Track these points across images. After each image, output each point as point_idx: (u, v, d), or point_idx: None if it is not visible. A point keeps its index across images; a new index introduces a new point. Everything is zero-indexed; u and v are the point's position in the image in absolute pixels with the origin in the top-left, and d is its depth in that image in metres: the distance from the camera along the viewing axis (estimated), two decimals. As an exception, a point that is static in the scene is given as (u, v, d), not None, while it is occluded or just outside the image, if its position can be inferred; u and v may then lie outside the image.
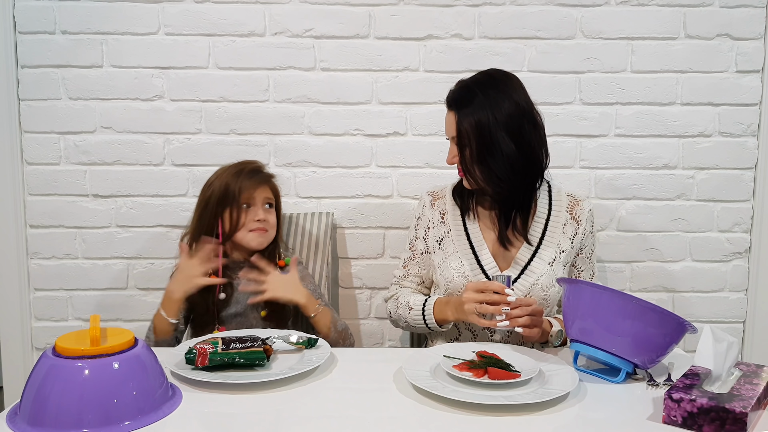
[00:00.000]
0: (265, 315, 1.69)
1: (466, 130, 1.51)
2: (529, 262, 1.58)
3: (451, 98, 1.57)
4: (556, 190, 1.66)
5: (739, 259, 2.13)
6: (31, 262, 2.10)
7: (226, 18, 2.01)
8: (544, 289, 1.56)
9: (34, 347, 2.13)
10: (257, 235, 1.70)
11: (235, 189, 1.68)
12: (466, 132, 1.51)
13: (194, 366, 1.28)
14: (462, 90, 1.56)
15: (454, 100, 1.55)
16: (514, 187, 1.54)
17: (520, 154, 1.51)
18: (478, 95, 1.51)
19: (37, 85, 2.03)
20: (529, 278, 1.57)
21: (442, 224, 1.66)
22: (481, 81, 1.56)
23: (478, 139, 1.50)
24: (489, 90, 1.52)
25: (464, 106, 1.52)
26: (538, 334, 1.44)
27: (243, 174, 1.70)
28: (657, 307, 1.23)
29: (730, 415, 1.04)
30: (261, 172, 1.74)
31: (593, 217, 1.67)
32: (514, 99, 1.52)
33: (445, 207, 1.67)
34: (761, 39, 2.04)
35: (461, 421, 1.12)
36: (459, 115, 1.52)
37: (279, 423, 1.13)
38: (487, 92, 1.52)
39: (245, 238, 1.69)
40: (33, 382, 1.09)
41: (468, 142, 1.52)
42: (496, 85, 1.54)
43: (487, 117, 1.49)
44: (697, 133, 2.08)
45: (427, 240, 1.68)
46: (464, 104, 1.52)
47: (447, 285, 1.60)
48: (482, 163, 1.52)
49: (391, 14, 2.02)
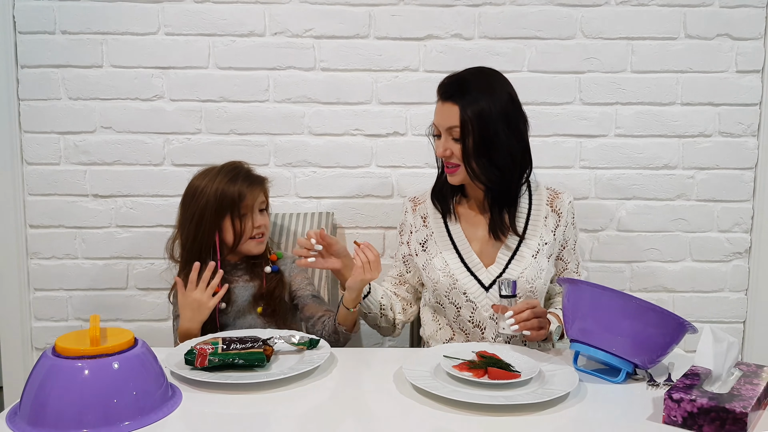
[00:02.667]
0: (262, 311, 1.68)
1: (469, 119, 1.50)
2: (512, 256, 1.59)
3: (449, 89, 1.54)
4: (535, 185, 1.67)
5: (739, 259, 2.13)
6: (31, 262, 2.10)
7: (226, 18, 2.01)
8: (530, 282, 1.57)
9: (34, 347, 2.13)
10: (257, 243, 1.68)
11: (234, 197, 1.62)
12: (469, 121, 1.50)
13: (193, 366, 1.28)
14: (459, 81, 1.55)
15: (453, 90, 1.53)
16: (508, 179, 1.56)
17: (517, 144, 1.54)
18: (477, 86, 1.52)
19: (37, 85, 2.03)
20: (514, 271, 1.57)
21: (424, 227, 1.67)
22: (474, 74, 1.57)
23: (481, 129, 1.50)
24: (485, 82, 1.54)
25: (465, 96, 1.51)
26: (544, 336, 1.45)
27: (239, 180, 1.64)
28: (657, 307, 1.23)
29: (730, 415, 1.04)
30: (255, 176, 1.70)
31: (573, 209, 1.68)
32: (507, 91, 1.55)
33: (426, 211, 1.68)
34: (761, 39, 2.04)
35: (461, 421, 1.12)
36: (462, 105, 1.51)
37: (279, 423, 1.13)
38: (484, 84, 1.53)
39: (247, 247, 1.67)
40: (33, 382, 1.09)
41: (470, 132, 1.51)
42: (489, 77, 1.56)
43: (488, 106, 1.50)
44: (697, 133, 2.08)
45: (410, 244, 1.69)
46: (465, 94, 1.51)
47: (434, 286, 1.61)
48: (483, 154, 1.52)
49: (391, 14, 2.02)
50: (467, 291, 1.58)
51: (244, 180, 1.66)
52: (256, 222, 1.67)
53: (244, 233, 1.65)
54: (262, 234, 1.68)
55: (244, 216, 1.66)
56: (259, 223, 1.67)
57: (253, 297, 1.70)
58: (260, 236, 1.68)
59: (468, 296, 1.58)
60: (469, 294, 1.58)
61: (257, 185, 1.68)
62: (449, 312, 1.62)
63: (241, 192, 1.63)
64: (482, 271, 1.59)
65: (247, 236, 1.66)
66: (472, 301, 1.58)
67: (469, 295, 1.58)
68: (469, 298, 1.58)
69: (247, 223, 1.65)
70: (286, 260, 1.78)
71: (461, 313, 1.60)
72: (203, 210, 1.63)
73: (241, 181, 1.65)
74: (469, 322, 1.60)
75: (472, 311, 1.58)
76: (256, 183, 1.68)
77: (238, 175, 1.66)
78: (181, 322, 1.56)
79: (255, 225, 1.66)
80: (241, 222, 1.64)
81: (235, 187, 1.63)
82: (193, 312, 1.54)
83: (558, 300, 1.70)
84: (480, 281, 1.58)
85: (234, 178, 1.65)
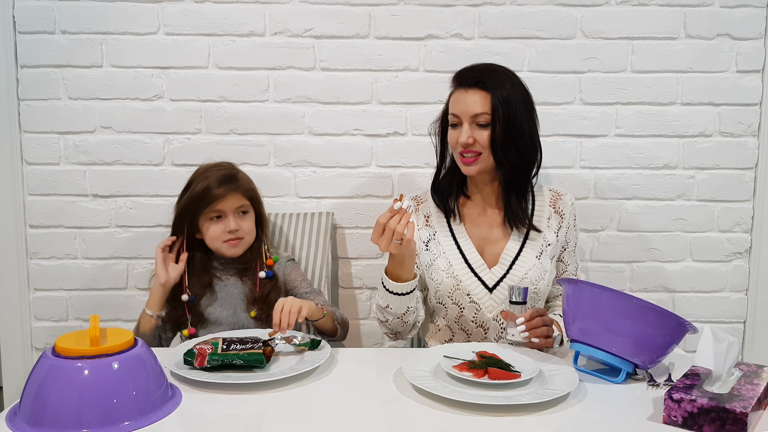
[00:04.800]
0: (255, 315, 1.68)
1: (500, 104, 1.52)
2: (516, 257, 1.59)
3: (475, 75, 1.55)
4: (538, 186, 1.68)
5: (740, 259, 2.13)
6: (31, 262, 2.10)
7: (226, 18, 2.01)
8: (534, 283, 1.57)
9: (33, 347, 2.13)
10: (230, 246, 1.68)
11: (203, 201, 1.64)
12: (500, 105, 1.52)
13: (193, 366, 1.28)
14: (483, 69, 1.57)
15: (480, 75, 1.55)
16: (528, 167, 1.59)
17: (536, 133, 1.59)
18: (499, 74, 1.56)
19: (37, 85, 2.03)
20: (518, 273, 1.57)
21: (427, 227, 1.66)
22: (489, 66, 1.60)
23: (510, 114, 1.53)
24: (502, 72, 1.58)
25: (493, 83, 1.53)
26: (551, 344, 1.44)
27: (210, 183, 1.65)
28: (657, 307, 1.23)
29: (730, 415, 1.04)
30: (230, 180, 1.68)
31: (575, 211, 1.69)
32: (519, 82, 1.58)
33: (428, 210, 1.68)
34: (761, 39, 2.03)
35: (461, 421, 1.12)
36: (492, 90, 1.52)
37: (279, 423, 1.13)
38: (502, 73, 1.57)
39: (220, 249, 1.69)
40: (33, 382, 1.09)
41: (500, 117, 1.52)
42: (503, 69, 1.59)
43: (513, 92, 1.54)
44: (697, 133, 2.08)
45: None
46: (491, 80, 1.54)
47: (437, 287, 1.61)
48: (510, 139, 1.54)
49: (391, 14, 2.02)
50: (471, 292, 1.57)
51: (215, 184, 1.66)
52: (230, 227, 1.66)
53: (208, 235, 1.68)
54: (236, 239, 1.68)
55: (215, 219, 1.67)
56: (231, 228, 1.66)
57: (246, 298, 1.70)
58: (233, 240, 1.68)
59: (472, 297, 1.57)
60: (473, 295, 1.57)
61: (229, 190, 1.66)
62: (452, 312, 1.61)
63: (209, 197, 1.65)
64: (486, 272, 1.59)
65: (217, 239, 1.67)
66: (476, 302, 1.57)
67: (473, 296, 1.57)
68: (472, 299, 1.58)
69: (210, 226, 1.67)
70: (281, 260, 1.78)
71: (464, 313, 1.60)
72: (180, 204, 1.70)
73: (212, 184, 1.66)
74: (472, 323, 1.60)
75: (475, 312, 1.58)
76: (227, 188, 1.66)
77: (209, 178, 1.67)
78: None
79: (228, 229, 1.66)
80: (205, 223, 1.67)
81: (206, 191, 1.65)
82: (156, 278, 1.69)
83: (557, 304, 1.70)
84: (484, 282, 1.58)
85: (205, 180, 1.67)
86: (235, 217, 1.68)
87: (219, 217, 1.67)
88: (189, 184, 1.71)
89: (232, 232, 1.66)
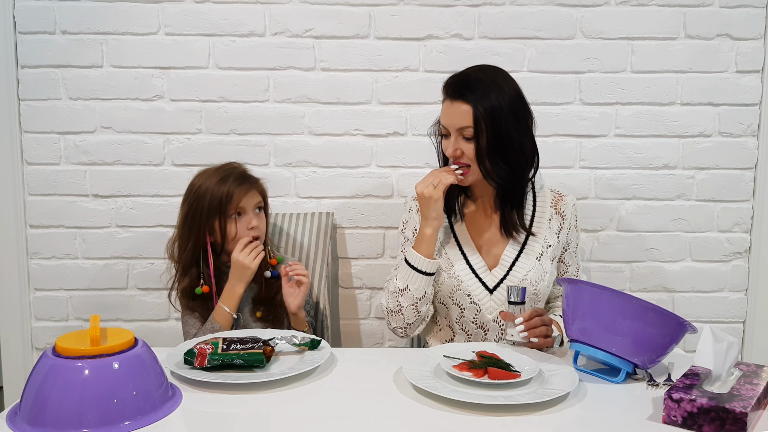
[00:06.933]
0: (261, 316, 1.68)
1: (482, 117, 1.48)
2: (516, 258, 1.59)
3: (458, 88, 1.52)
4: (539, 186, 1.67)
5: (739, 259, 2.13)
6: (31, 262, 2.10)
7: (226, 18, 2.01)
8: (534, 284, 1.57)
9: (34, 347, 2.13)
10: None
11: (223, 198, 1.62)
12: (482, 119, 1.48)
13: (193, 366, 1.28)
14: (467, 79, 1.53)
15: (463, 88, 1.51)
16: (520, 177, 1.55)
17: (527, 141, 1.54)
18: (486, 83, 1.51)
19: (37, 85, 2.03)
20: (518, 274, 1.57)
21: None
22: (480, 71, 1.56)
23: (494, 127, 1.49)
24: (491, 78, 1.53)
25: (476, 93, 1.49)
26: (551, 344, 1.44)
27: (230, 181, 1.64)
28: (657, 307, 1.23)
29: (730, 415, 1.04)
30: (248, 177, 1.69)
31: (577, 212, 1.68)
32: (513, 87, 1.54)
33: None
34: (761, 39, 2.04)
35: (461, 421, 1.12)
36: (474, 102, 1.48)
37: (279, 423, 1.13)
38: (491, 80, 1.52)
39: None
40: (33, 382, 1.09)
41: (484, 131, 1.49)
42: (495, 74, 1.55)
43: (499, 103, 1.49)
44: (697, 133, 2.08)
45: None
46: (475, 91, 1.50)
47: (438, 287, 1.61)
48: (496, 152, 1.50)
49: (391, 14, 2.02)
50: (472, 293, 1.57)
51: (235, 180, 1.65)
52: (250, 223, 1.65)
53: (228, 235, 1.64)
54: (256, 236, 1.66)
55: (233, 217, 1.65)
56: (253, 225, 1.66)
57: (252, 300, 1.70)
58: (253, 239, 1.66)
59: (472, 298, 1.58)
60: (474, 296, 1.57)
61: (249, 186, 1.66)
62: (452, 312, 1.62)
63: (231, 194, 1.63)
64: (486, 274, 1.59)
65: (232, 238, 1.65)
66: (476, 303, 1.58)
67: (474, 297, 1.57)
68: (473, 300, 1.58)
69: (231, 225, 1.64)
70: (285, 262, 1.77)
71: (465, 314, 1.60)
72: (195, 209, 1.64)
73: (231, 182, 1.64)
74: (473, 323, 1.60)
75: (476, 313, 1.58)
76: (247, 183, 1.66)
77: (229, 176, 1.65)
78: (227, 284, 1.63)
79: (249, 227, 1.65)
80: (227, 223, 1.64)
81: (225, 187, 1.63)
82: (240, 272, 1.62)
83: (557, 305, 1.70)
84: (484, 283, 1.58)
85: (225, 178, 1.64)
86: (254, 214, 1.68)
87: (240, 215, 1.66)
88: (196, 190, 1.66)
89: (252, 230, 1.65)
